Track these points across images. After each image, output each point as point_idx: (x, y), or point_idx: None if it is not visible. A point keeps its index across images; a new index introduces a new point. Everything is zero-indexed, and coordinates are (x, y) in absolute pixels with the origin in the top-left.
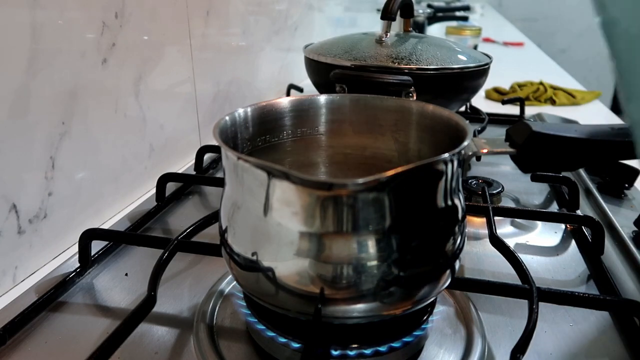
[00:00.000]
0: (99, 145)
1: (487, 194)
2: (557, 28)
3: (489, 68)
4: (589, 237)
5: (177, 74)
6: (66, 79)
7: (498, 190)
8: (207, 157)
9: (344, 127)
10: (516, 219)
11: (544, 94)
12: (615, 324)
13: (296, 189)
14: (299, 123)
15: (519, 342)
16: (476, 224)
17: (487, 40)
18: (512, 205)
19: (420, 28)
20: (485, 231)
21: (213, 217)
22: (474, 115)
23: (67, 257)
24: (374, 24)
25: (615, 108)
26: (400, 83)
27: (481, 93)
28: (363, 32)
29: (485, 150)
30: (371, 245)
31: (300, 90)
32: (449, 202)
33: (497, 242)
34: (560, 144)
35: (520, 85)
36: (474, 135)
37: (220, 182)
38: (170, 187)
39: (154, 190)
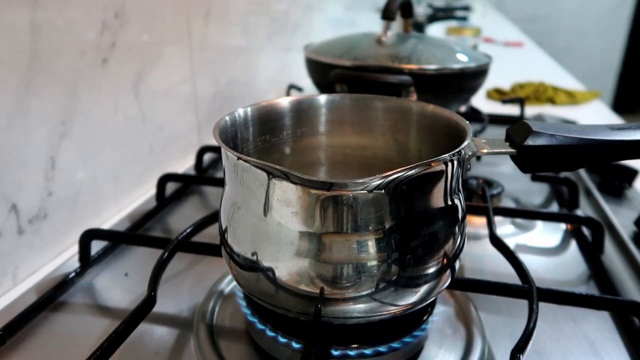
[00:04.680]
0: (99, 145)
1: (487, 194)
2: (557, 28)
3: (489, 68)
4: (589, 237)
5: (177, 74)
6: (66, 79)
7: (498, 190)
8: (207, 157)
9: (344, 127)
10: (516, 219)
11: (544, 93)
12: (615, 324)
13: (296, 189)
14: (299, 123)
15: (519, 342)
16: (476, 224)
17: (487, 40)
18: (512, 205)
19: (420, 28)
20: (485, 231)
21: (213, 217)
22: (474, 115)
23: (67, 257)
24: (374, 24)
25: (615, 108)
26: (400, 83)
27: (481, 93)
28: (363, 32)
29: (485, 150)
30: (371, 245)
31: (300, 90)
32: (449, 202)
33: (497, 242)
34: (560, 144)
35: (521, 86)
36: (474, 135)
37: (220, 182)
38: (170, 187)
39: (154, 190)
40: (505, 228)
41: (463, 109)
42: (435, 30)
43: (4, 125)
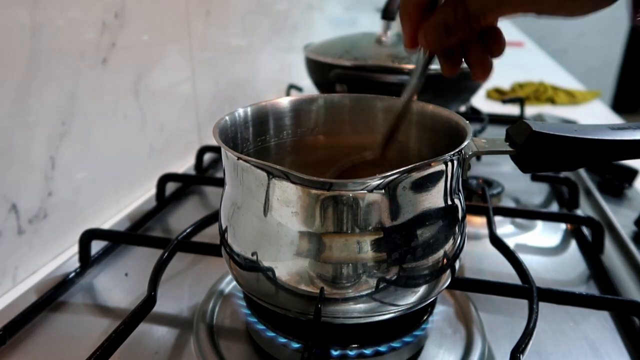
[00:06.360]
0: (99, 145)
1: (487, 194)
2: (557, 28)
3: None
4: (589, 237)
5: (177, 74)
6: (66, 79)
7: (498, 190)
8: (207, 157)
9: (344, 127)
10: (516, 219)
11: (544, 93)
12: (615, 324)
13: (296, 189)
14: (299, 123)
15: (519, 342)
16: (476, 224)
17: None
18: (512, 205)
19: None
20: (485, 231)
21: (213, 217)
22: (474, 115)
23: (67, 257)
24: (374, 24)
25: (615, 108)
26: (400, 83)
27: (481, 93)
28: (363, 32)
29: (485, 150)
30: (371, 245)
31: (300, 90)
32: (449, 202)
33: (497, 242)
34: (560, 144)
35: (521, 85)
36: (474, 135)
37: (220, 182)
38: (170, 187)
39: (154, 190)
40: (505, 228)
41: (463, 109)
42: None
43: (4, 125)
